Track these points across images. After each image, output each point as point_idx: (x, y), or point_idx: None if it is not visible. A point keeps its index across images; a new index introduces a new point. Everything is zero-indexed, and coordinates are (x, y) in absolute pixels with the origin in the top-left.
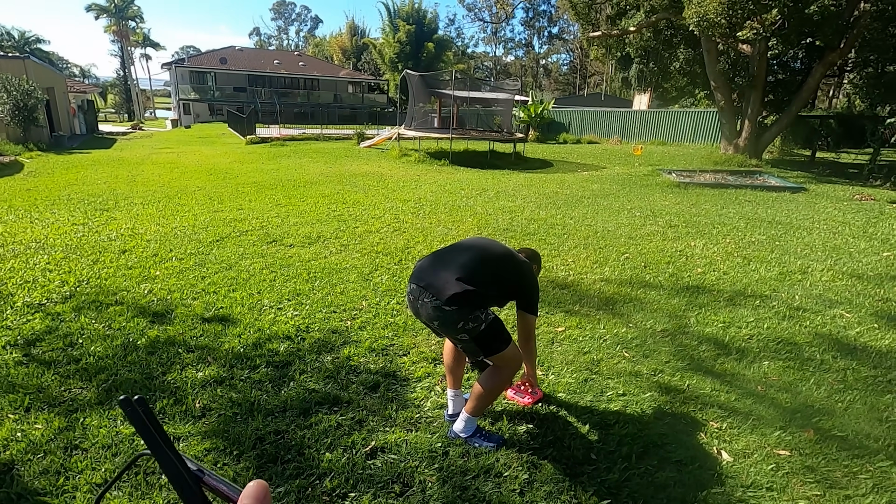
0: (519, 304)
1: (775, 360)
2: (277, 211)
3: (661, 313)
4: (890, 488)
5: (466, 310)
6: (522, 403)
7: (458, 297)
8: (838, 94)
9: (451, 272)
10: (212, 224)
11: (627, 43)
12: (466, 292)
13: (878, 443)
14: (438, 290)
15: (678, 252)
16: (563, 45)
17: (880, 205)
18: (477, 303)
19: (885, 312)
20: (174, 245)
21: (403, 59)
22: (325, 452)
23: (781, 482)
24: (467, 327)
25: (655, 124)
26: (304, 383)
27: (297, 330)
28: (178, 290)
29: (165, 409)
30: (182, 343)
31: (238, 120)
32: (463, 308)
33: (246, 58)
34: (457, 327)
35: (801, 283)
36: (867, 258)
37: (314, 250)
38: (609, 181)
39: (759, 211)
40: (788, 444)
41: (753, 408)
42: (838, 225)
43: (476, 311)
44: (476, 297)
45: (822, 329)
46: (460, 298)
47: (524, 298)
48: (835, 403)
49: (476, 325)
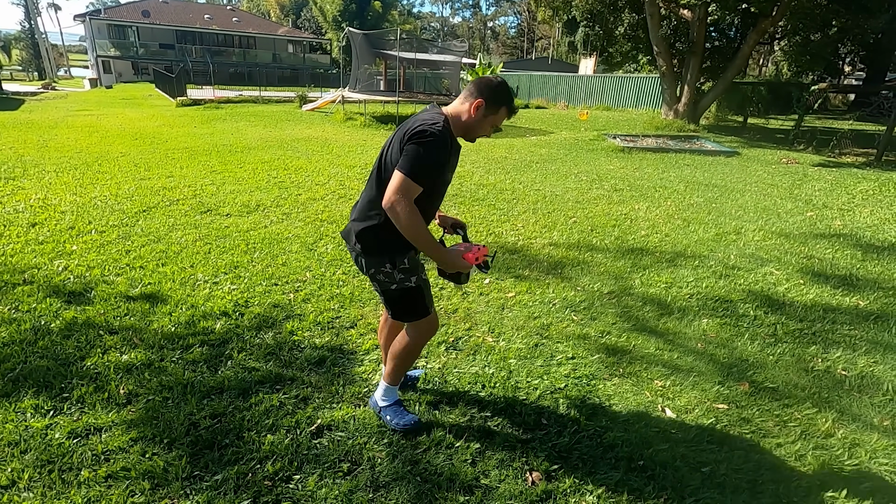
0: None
1: (713, 317)
2: (212, 178)
3: (608, 276)
4: (816, 434)
5: (372, 258)
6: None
7: (358, 239)
8: (767, 63)
9: (353, 210)
10: (137, 193)
11: (574, 5)
12: (360, 231)
13: (805, 392)
14: (346, 234)
15: (623, 215)
16: (511, 6)
17: (804, 168)
18: (373, 246)
19: (809, 268)
20: (94, 217)
21: (347, 17)
22: (267, 434)
23: (720, 435)
24: (377, 278)
25: (601, 89)
26: (244, 362)
27: (235, 305)
28: (98, 266)
29: (84, 397)
30: (103, 324)
31: (167, 80)
32: (367, 254)
33: (172, 11)
34: (369, 274)
35: (736, 243)
36: (793, 218)
37: (253, 220)
38: (557, 146)
39: (698, 174)
40: (726, 397)
41: (694, 365)
42: (768, 187)
43: (382, 258)
44: (366, 234)
45: (754, 286)
46: (358, 240)
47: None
48: (767, 357)
49: (385, 280)
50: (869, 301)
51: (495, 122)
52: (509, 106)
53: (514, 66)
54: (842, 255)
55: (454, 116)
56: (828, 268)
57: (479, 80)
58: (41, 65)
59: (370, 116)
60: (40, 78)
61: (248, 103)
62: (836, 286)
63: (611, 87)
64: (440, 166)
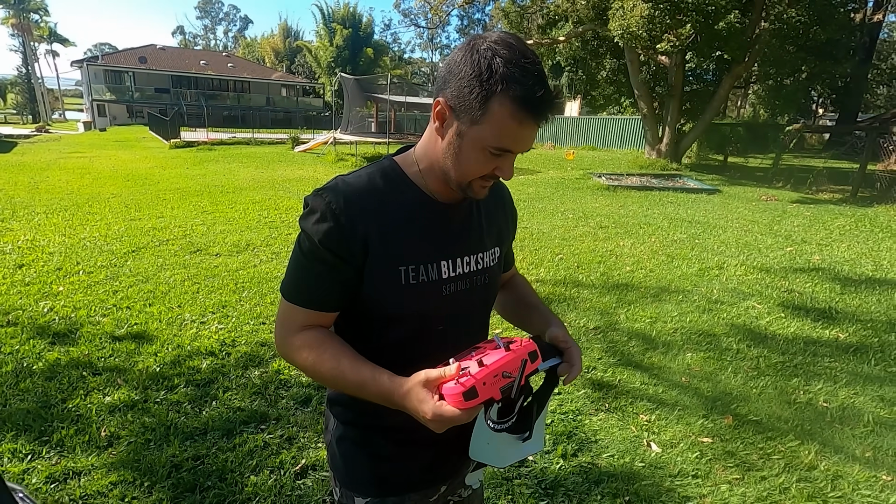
0: None
1: (697, 351)
2: (203, 218)
3: (593, 311)
4: (799, 467)
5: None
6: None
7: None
8: (745, 104)
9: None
10: (127, 234)
11: (558, 52)
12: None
13: (788, 424)
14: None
15: (608, 252)
16: None
17: (783, 204)
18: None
19: (789, 302)
20: (82, 258)
21: (340, 63)
22: (250, 475)
23: (705, 469)
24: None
25: (586, 130)
26: (229, 402)
27: (222, 344)
28: (84, 307)
29: (64, 440)
30: (87, 365)
31: (160, 123)
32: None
33: (169, 57)
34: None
35: (718, 278)
36: (773, 253)
37: (243, 259)
38: (544, 185)
39: (681, 211)
40: (710, 431)
41: (679, 398)
42: (748, 223)
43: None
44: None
45: (737, 320)
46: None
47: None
48: (750, 389)
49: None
50: (848, 333)
51: (489, 142)
52: (517, 93)
53: None
54: (821, 288)
55: (423, 154)
56: (808, 301)
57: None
58: (36, 108)
59: (361, 157)
60: (34, 121)
61: (240, 145)
62: (816, 319)
63: (596, 129)
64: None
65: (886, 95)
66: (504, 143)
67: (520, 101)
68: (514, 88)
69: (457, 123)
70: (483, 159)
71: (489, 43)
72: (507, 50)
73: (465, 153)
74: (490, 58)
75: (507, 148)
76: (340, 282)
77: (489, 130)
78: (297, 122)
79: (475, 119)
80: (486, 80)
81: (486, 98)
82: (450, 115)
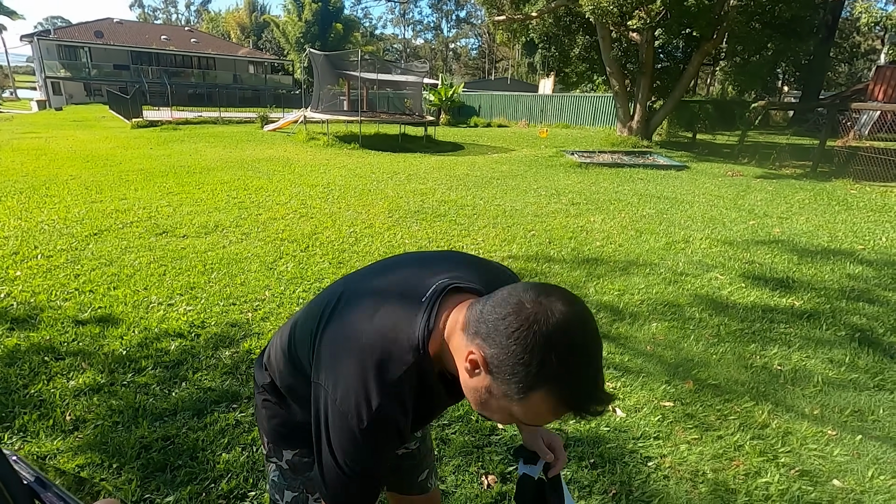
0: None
1: (662, 321)
2: (168, 200)
3: (564, 285)
4: (753, 425)
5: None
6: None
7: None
8: (714, 82)
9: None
10: (88, 216)
11: (531, 28)
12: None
13: (744, 387)
14: None
15: (579, 227)
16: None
17: (748, 180)
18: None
19: (750, 273)
20: (40, 241)
21: (310, 39)
22: (222, 453)
23: (666, 430)
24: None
25: (559, 108)
26: (199, 382)
27: (191, 326)
28: (44, 292)
29: (27, 425)
30: (50, 350)
31: (121, 101)
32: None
33: (127, 32)
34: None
35: (684, 251)
36: (737, 226)
37: (211, 240)
38: (517, 163)
39: (650, 187)
40: (672, 395)
41: (643, 366)
42: (714, 198)
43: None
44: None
45: (700, 290)
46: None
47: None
48: (710, 356)
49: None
50: (803, 301)
51: (520, 418)
52: (565, 396)
53: (475, 86)
54: (780, 259)
55: (440, 340)
56: (767, 272)
57: (510, 292)
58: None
59: (333, 136)
60: None
61: (207, 124)
62: (774, 288)
63: (569, 106)
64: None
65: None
66: (533, 423)
67: (565, 403)
68: (563, 393)
69: (489, 382)
70: (506, 419)
71: (549, 328)
72: (567, 346)
73: (490, 408)
74: (546, 350)
75: (536, 425)
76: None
77: (523, 412)
78: (266, 101)
79: (510, 396)
80: (535, 374)
81: (529, 389)
82: (485, 371)
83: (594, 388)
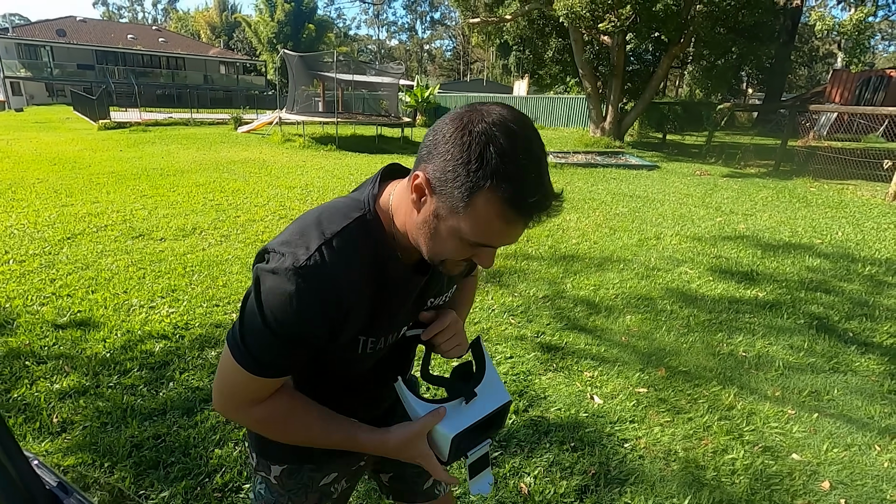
0: None
1: (635, 313)
2: (143, 203)
3: (542, 281)
4: (720, 408)
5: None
6: None
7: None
8: (682, 84)
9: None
10: (60, 220)
11: (505, 31)
12: None
13: (712, 372)
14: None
15: (556, 226)
16: (446, 30)
17: (715, 178)
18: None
19: (717, 266)
20: (10, 246)
21: (282, 39)
22: (214, 449)
23: (641, 415)
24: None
25: (535, 109)
26: (187, 382)
27: (175, 328)
28: (19, 297)
29: (13, 429)
30: (30, 354)
31: (87, 102)
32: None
33: (91, 30)
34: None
35: (656, 248)
36: (705, 223)
37: (190, 243)
38: None
39: (623, 186)
40: (646, 382)
41: (619, 356)
42: (684, 196)
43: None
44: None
45: (671, 284)
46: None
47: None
48: (681, 345)
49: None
50: (766, 292)
51: (468, 236)
52: (508, 194)
53: (450, 87)
54: (745, 253)
55: (397, 214)
56: (733, 265)
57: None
58: None
59: (309, 137)
60: None
61: (178, 125)
62: (740, 281)
63: (543, 108)
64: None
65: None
66: (485, 240)
67: (510, 202)
68: (505, 188)
69: (435, 204)
70: (460, 247)
71: (486, 124)
72: (505, 138)
73: (441, 238)
74: (483, 144)
75: (488, 244)
76: (310, 352)
77: (470, 224)
78: (238, 102)
79: (456, 208)
80: (475, 171)
81: (472, 191)
82: (429, 192)
83: (538, 180)
